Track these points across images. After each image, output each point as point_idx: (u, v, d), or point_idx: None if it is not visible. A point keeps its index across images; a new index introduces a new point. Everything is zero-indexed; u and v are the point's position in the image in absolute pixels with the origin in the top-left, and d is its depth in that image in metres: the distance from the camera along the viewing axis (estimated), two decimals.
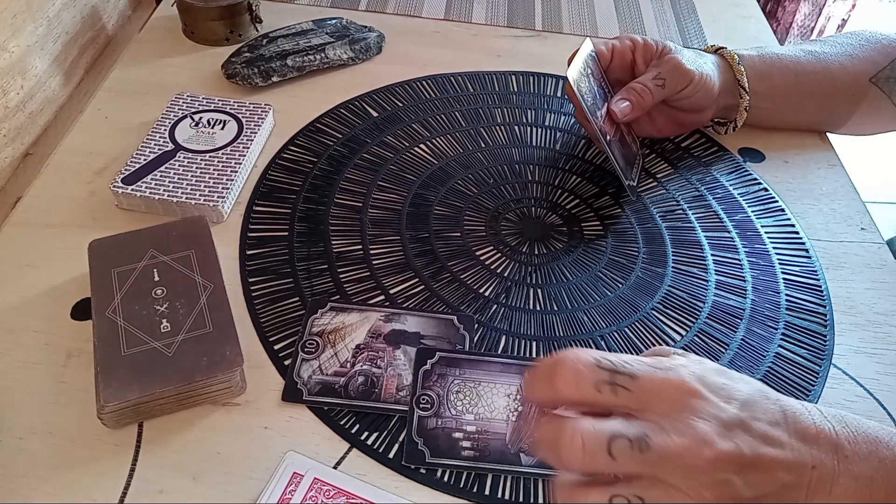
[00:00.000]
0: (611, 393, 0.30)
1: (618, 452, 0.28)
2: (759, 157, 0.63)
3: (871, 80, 0.61)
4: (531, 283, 0.52)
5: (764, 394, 0.33)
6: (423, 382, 0.44)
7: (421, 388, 0.44)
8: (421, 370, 0.45)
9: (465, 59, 0.72)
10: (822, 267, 0.54)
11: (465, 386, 0.44)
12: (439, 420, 0.43)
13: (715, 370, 0.33)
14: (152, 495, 0.39)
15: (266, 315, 0.48)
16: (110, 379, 0.40)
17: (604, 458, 0.28)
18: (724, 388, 0.32)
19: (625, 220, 0.57)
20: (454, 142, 0.62)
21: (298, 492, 0.38)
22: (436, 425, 0.42)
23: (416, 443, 0.42)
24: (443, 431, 0.42)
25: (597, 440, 0.29)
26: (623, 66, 0.59)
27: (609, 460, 0.28)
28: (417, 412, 0.43)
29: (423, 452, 0.41)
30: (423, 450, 0.41)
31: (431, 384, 0.44)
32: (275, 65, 0.65)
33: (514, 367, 0.45)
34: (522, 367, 0.45)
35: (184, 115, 0.59)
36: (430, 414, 0.43)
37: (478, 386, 0.44)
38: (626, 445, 0.29)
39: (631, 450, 0.29)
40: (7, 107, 0.60)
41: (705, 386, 0.31)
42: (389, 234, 0.54)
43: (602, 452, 0.28)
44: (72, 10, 0.69)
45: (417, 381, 0.44)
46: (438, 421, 0.42)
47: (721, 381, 0.32)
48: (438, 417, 0.43)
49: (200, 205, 0.53)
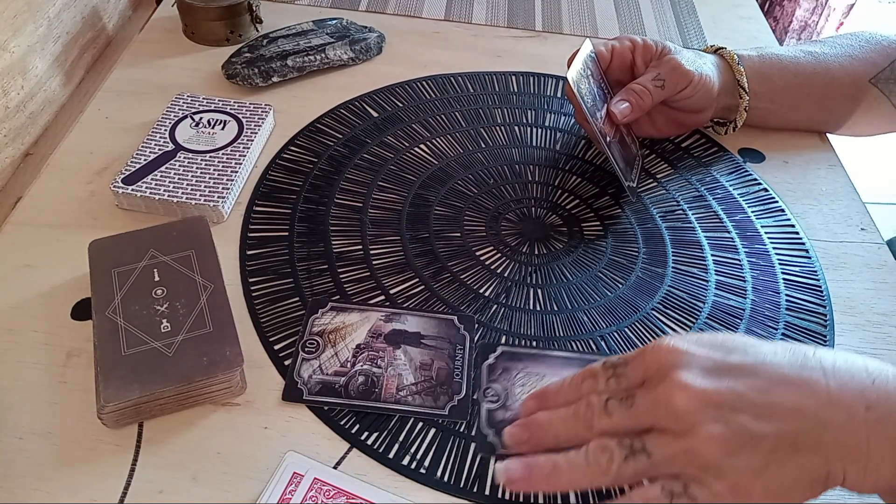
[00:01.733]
0: (616, 383, 0.36)
1: (611, 409, 0.35)
2: (759, 157, 0.63)
3: (870, 80, 0.61)
4: (531, 284, 0.52)
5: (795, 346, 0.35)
6: (487, 376, 0.45)
7: (486, 382, 0.45)
8: (485, 364, 0.46)
9: (466, 59, 0.72)
10: (822, 267, 0.54)
11: (530, 380, 0.45)
12: (508, 412, 0.43)
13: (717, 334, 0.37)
14: (152, 495, 0.39)
15: (266, 315, 0.48)
16: (110, 379, 0.40)
17: (605, 416, 0.35)
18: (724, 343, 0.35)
19: (625, 220, 0.57)
20: (454, 142, 0.62)
21: (298, 492, 0.38)
22: (504, 417, 0.43)
23: (485, 435, 0.42)
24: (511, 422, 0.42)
25: (598, 401, 0.36)
26: (623, 67, 0.59)
27: (608, 418, 0.35)
28: (486, 405, 0.44)
29: (492, 445, 0.42)
30: (494, 441, 0.42)
31: (496, 378, 0.45)
32: (275, 65, 0.65)
33: (575, 362, 0.46)
34: (583, 361, 0.46)
35: (184, 116, 0.59)
36: (498, 406, 0.44)
37: (541, 380, 0.45)
38: (616, 403, 0.35)
39: (620, 406, 0.35)
40: (7, 107, 0.60)
41: (692, 343, 0.35)
42: (389, 234, 0.54)
43: (602, 410, 0.35)
44: (72, 11, 0.69)
45: (481, 375, 0.45)
46: (507, 413, 0.43)
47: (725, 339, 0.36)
48: (507, 410, 0.43)
49: (200, 205, 0.53)
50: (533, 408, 0.39)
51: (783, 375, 0.33)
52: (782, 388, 0.33)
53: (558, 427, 0.37)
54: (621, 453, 0.33)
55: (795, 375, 0.33)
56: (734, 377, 0.33)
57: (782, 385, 0.33)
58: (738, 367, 0.34)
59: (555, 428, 0.37)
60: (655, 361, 0.35)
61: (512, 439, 0.38)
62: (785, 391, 0.33)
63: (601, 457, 0.34)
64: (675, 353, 0.35)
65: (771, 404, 0.32)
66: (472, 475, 0.41)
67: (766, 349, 0.35)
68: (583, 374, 0.38)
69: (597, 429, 0.35)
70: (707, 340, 0.36)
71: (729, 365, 0.34)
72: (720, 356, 0.34)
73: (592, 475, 0.34)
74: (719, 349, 0.35)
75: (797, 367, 0.33)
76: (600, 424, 0.35)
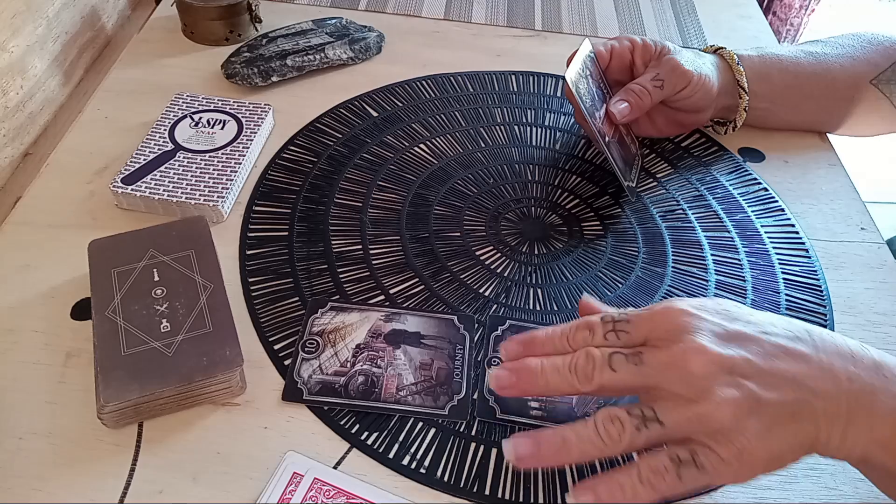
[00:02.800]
0: (615, 338, 0.36)
1: (616, 364, 0.34)
2: (759, 157, 0.63)
3: (871, 81, 0.61)
4: (531, 283, 0.52)
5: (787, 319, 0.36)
6: (494, 346, 0.47)
7: (492, 352, 0.46)
8: (493, 335, 0.47)
9: (465, 59, 0.72)
10: (822, 267, 0.54)
11: None
12: None
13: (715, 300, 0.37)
14: (152, 495, 0.39)
15: (266, 315, 0.48)
16: (110, 379, 0.40)
17: (608, 371, 0.34)
18: (727, 311, 0.36)
19: (625, 219, 0.57)
20: (454, 142, 0.62)
21: (298, 492, 0.38)
22: None
23: (487, 400, 0.44)
24: None
25: (601, 355, 0.35)
26: (622, 67, 0.59)
27: (612, 373, 0.34)
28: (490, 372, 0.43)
29: (493, 409, 0.44)
30: (494, 406, 0.44)
31: None
32: (274, 65, 0.65)
33: None
34: None
35: (183, 115, 0.59)
36: None
37: None
38: (622, 358, 0.34)
39: (627, 362, 0.34)
40: (7, 107, 0.60)
41: (702, 309, 0.35)
42: (389, 234, 0.54)
43: (606, 366, 0.34)
44: (71, 10, 0.69)
45: (489, 345, 0.47)
46: None
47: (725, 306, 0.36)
48: None
49: (200, 205, 0.53)
50: (517, 352, 0.38)
51: (781, 346, 0.34)
52: (782, 357, 0.34)
53: (551, 375, 0.36)
54: (632, 423, 0.33)
55: (792, 347, 0.34)
56: (741, 345, 0.34)
57: (781, 355, 0.34)
58: (743, 335, 0.34)
59: (546, 375, 0.36)
60: (666, 322, 0.35)
61: (497, 382, 0.37)
62: (784, 361, 0.34)
63: (611, 427, 0.33)
64: (688, 315, 0.35)
65: (774, 372, 0.33)
66: (472, 475, 0.41)
67: (764, 319, 0.36)
68: (576, 324, 0.37)
69: (597, 382, 0.34)
70: (711, 307, 0.36)
71: (735, 332, 0.34)
72: (727, 323, 0.35)
73: (603, 446, 0.33)
74: (723, 317, 0.35)
75: (792, 340, 0.35)
76: (601, 378, 0.34)
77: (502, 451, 0.36)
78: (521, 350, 0.38)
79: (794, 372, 0.33)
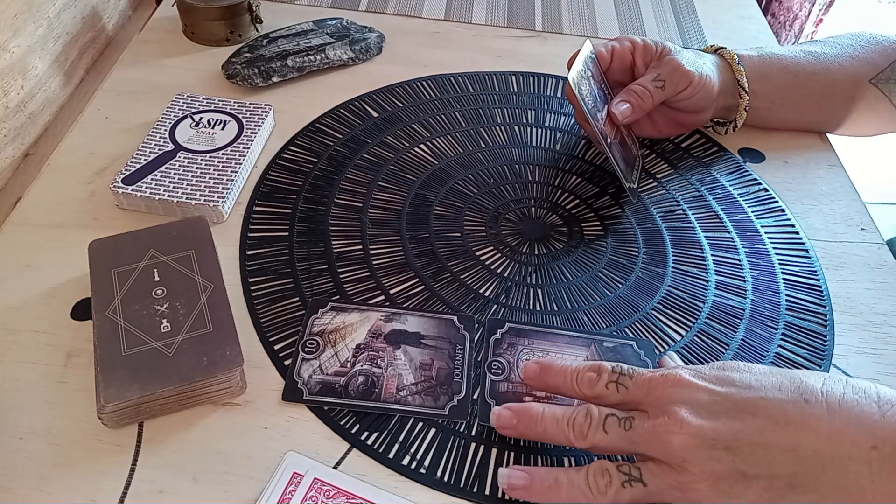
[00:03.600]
0: (615, 391, 0.37)
1: (609, 427, 0.36)
2: (759, 157, 0.63)
3: (870, 81, 0.61)
4: (531, 284, 0.52)
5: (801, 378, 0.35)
6: (493, 350, 0.47)
7: (492, 355, 0.46)
8: (492, 339, 0.47)
9: (466, 59, 0.72)
10: (822, 267, 0.54)
11: (534, 355, 0.46)
12: (510, 385, 0.45)
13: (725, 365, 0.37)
14: (152, 495, 0.39)
15: (266, 315, 0.48)
16: (110, 379, 0.40)
17: (600, 431, 0.36)
18: (727, 377, 0.36)
19: (625, 220, 0.57)
20: (454, 142, 0.62)
21: (298, 492, 0.38)
22: (507, 389, 0.45)
23: (488, 404, 0.44)
24: (513, 395, 0.44)
25: (598, 415, 0.37)
26: (623, 68, 0.59)
27: (604, 434, 0.36)
28: (490, 376, 0.45)
29: None
30: None
31: (502, 352, 0.46)
32: (275, 65, 0.65)
33: (580, 340, 0.48)
34: (588, 339, 0.48)
35: (184, 116, 0.59)
36: (502, 378, 0.45)
37: (545, 356, 0.46)
38: (616, 422, 0.36)
39: (618, 426, 0.36)
40: (7, 107, 0.60)
41: (697, 376, 0.36)
42: (389, 234, 0.54)
43: (599, 426, 0.36)
44: (72, 11, 0.69)
45: (489, 349, 0.47)
46: (509, 385, 0.45)
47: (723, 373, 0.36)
48: (509, 382, 0.45)
49: (200, 205, 0.53)
50: (534, 372, 0.41)
51: (783, 413, 0.33)
52: (781, 427, 0.33)
53: (549, 424, 0.38)
54: (620, 479, 0.35)
55: (796, 413, 0.33)
56: (732, 416, 0.34)
57: (781, 424, 0.33)
58: (739, 403, 0.34)
59: (545, 423, 0.38)
60: (658, 389, 0.36)
61: (499, 421, 0.40)
62: (783, 431, 0.33)
63: (600, 480, 0.35)
64: (681, 386, 0.36)
65: (767, 445, 0.33)
66: (472, 475, 0.41)
67: (770, 383, 0.35)
68: (588, 366, 0.39)
69: (590, 441, 0.36)
70: (711, 375, 0.36)
71: (730, 401, 0.34)
72: (722, 391, 0.35)
73: (590, 494, 0.35)
74: (723, 383, 0.35)
75: (800, 404, 0.33)
76: (594, 438, 0.36)
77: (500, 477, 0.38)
78: (539, 372, 0.41)
79: (793, 442, 0.32)
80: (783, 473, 0.32)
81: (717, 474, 0.33)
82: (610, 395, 0.38)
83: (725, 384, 0.35)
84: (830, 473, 0.32)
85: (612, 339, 0.48)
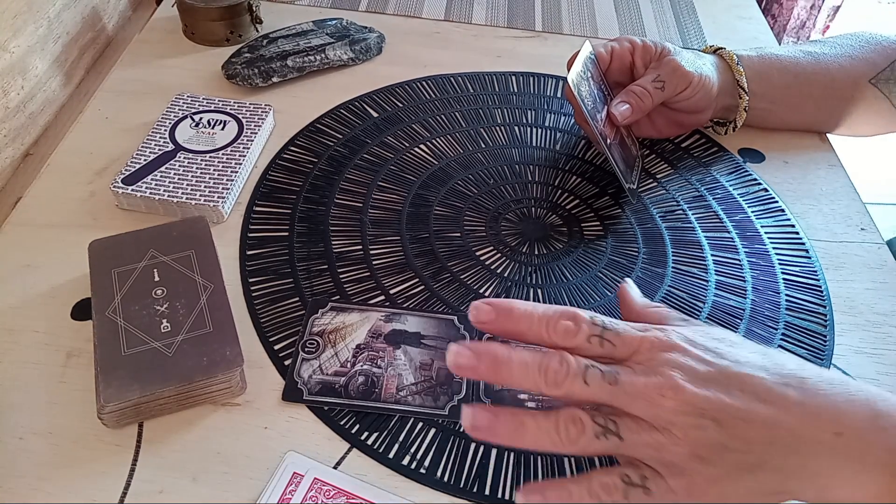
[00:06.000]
0: (598, 345, 0.35)
1: (590, 379, 0.33)
2: (759, 157, 0.63)
3: (870, 81, 0.61)
4: (531, 284, 0.52)
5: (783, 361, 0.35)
6: None
7: None
8: (485, 337, 0.47)
9: (466, 59, 0.72)
10: (822, 267, 0.54)
11: None
12: None
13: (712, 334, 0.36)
14: (152, 495, 0.39)
15: (266, 315, 0.48)
16: (110, 379, 0.40)
17: (579, 382, 0.33)
18: (717, 349, 0.35)
19: (625, 220, 0.57)
20: (454, 142, 0.62)
21: (298, 492, 0.38)
22: (503, 387, 0.44)
23: (484, 402, 0.44)
24: (508, 393, 0.44)
25: (577, 366, 0.33)
26: (622, 69, 0.59)
27: (583, 385, 0.33)
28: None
29: None
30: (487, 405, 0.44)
31: None
32: (275, 65, 0.65)
33: None
34: None
35: (184, 116, 0.60)
36: None
37: None
38: (598, 375, 0.33)
39: (602, 379, 0.33)
40: (7, 107, 0.60)
41: (689, 343, 0.35)
42: (389, 234, 0.54)
43: (579, 377, 0.33)
44: (72, 11, 0.69)
45: None
46: None
47: (713, 343, 0.35)
48: None
49: (200, 205, 0.53)
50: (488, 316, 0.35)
51: (767, 393, 0.34)
52: (764, 405, 0.33)
53: (517, 369, 0.34)
54: (593, 429, 0.33)
55: (777, 394, 0.33)
56: (724, 388, 0.33)
57: (764, 403, 0.33)
58: (731, 377, 0.34)
59: (512, 367, 0.34)
60: (651, 351, 0.34)
61: (455, 359, 0.34)
62: (765, 409, 0.33)
63: (572, 428, 0.33)
64: (673, 349, 0.34)
65: (749, 421, 0.33)
66: (472, 475, 0.41)
67: (757, 362, 0.35)
68: (562, 311, 0.35)
69: (565, 390, 0.33)
70: (702, 343, 0.35)
71: (723, 374, 0.34)
72: (716, 362, 0.34)
73: (559, 442, 0.33)
74: (713, 354, 0.35)
75: (780, 386, 0.34)
76: (571, 387, 0.33)
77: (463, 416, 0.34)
78: (494, 316, 0.35)
79: (770, 423, 0.33)
80: (757, 451, 0.33)
81: (699, 441, 0.33)
82: (591, 349, 0.35)
83: (717, 356, 0.35)
84: (796, 456, 0.33)
85: None
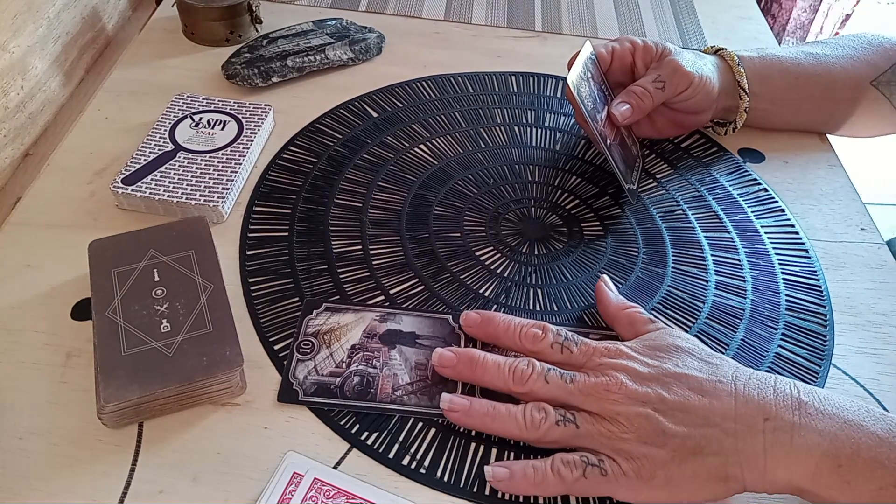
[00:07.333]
0: (559, 351, 0.42)
1: (551, 379, 0.40)
2: (759, 157, 0.63)
3: (871, 83, 0.61)
4: (531, 284, 0.52)
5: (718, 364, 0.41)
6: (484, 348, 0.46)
7: None
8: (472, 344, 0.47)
9: (465, 59, 0.72)
10: (822, 267, 0.54)
11: None
12: None
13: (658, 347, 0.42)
14: (152, 495, 0.39)
15: (266, 315, 0.48)
16: (110, 379, 0.40)
17: (541, 381, 0.40)
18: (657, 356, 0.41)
19: (625, 220, 0.57)
20: (454, 142, 0.62)
21: (298, 492, 0.38)
22: None
23: None
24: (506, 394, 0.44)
25: (540, 367, 0.41)
26: (623, 69, 0.59)
27: (545, 383, 0.40)
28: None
29: None
30: None
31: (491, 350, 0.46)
32: (275, 65, 0.65)
33: None
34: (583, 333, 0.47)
35: (184, 116, 0.60)
36: None
37: None
38: (557, 376, 0.40)
39: (560, 380, 0.40)
40: (7, 107, 0.60)
41: (635, 352, 0.41)
42: (389, 234, 0.54)
43: (541, 377, 0.40)
44: (72, 11, 0.69)
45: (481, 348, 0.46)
46: None
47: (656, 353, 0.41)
48: None
49: (200, 205, 0.53)
50: (475, 321, 0.45)
51: (701, 387, 0.39)
52: (699, 397, 0.39)
53: (490, 367, 0.41)
54: (554, 417, 0.39)
55: (711, 388, 0.39)
56: (663, 385, 0.39)
57: (699, 395, 0.39)
58: (669, 374, 0.40)
59: (486, 366, 0.42)
60: (602, 356, 0.41)
61: (439, 360, 0.43)
62: (701, 400, 0.39)
63: (536, 414, 0.39)
64: (619, 355, 0.41)
65: (687, 410, 0.38)
66: (472, 475, 0.41)
67: (693, 366, 0.41)
68: (534, 324, 0.43)
69: (529, 387, 0.40)
70: (647, 352, 0.42)
71: (661, 372, 0.40)
72: (655, 363, 0.40)
73: (524, 427, 0.39)
74: (656, 359, 0.41)
75: (714, 382, 0.39)
76: (534, 385, 0.40)
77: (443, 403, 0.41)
78: (479, 321, 0.45)
79: (706, 411, 0.38)
80: (696, 435, 0.38)
81: (643, 428, 0.38)
82: (552, 355, 0.42)
83: (659, 360, 0.41)
84: (731, 441, 0.37)
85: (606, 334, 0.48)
